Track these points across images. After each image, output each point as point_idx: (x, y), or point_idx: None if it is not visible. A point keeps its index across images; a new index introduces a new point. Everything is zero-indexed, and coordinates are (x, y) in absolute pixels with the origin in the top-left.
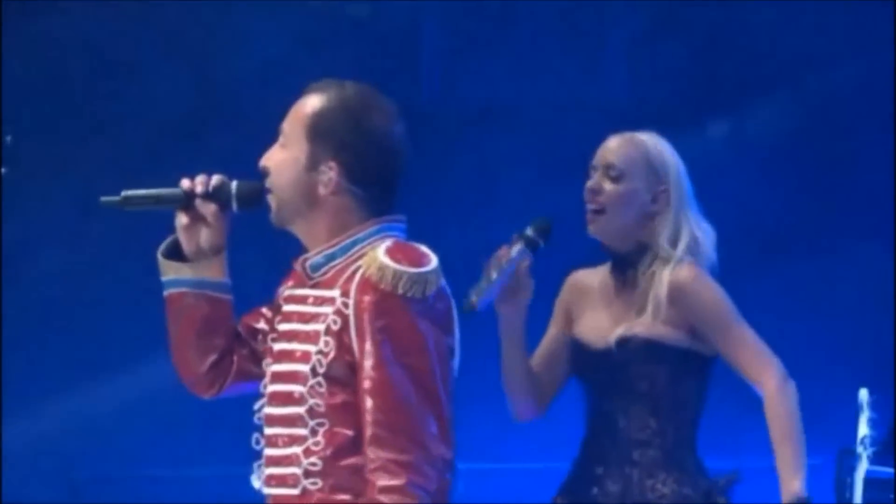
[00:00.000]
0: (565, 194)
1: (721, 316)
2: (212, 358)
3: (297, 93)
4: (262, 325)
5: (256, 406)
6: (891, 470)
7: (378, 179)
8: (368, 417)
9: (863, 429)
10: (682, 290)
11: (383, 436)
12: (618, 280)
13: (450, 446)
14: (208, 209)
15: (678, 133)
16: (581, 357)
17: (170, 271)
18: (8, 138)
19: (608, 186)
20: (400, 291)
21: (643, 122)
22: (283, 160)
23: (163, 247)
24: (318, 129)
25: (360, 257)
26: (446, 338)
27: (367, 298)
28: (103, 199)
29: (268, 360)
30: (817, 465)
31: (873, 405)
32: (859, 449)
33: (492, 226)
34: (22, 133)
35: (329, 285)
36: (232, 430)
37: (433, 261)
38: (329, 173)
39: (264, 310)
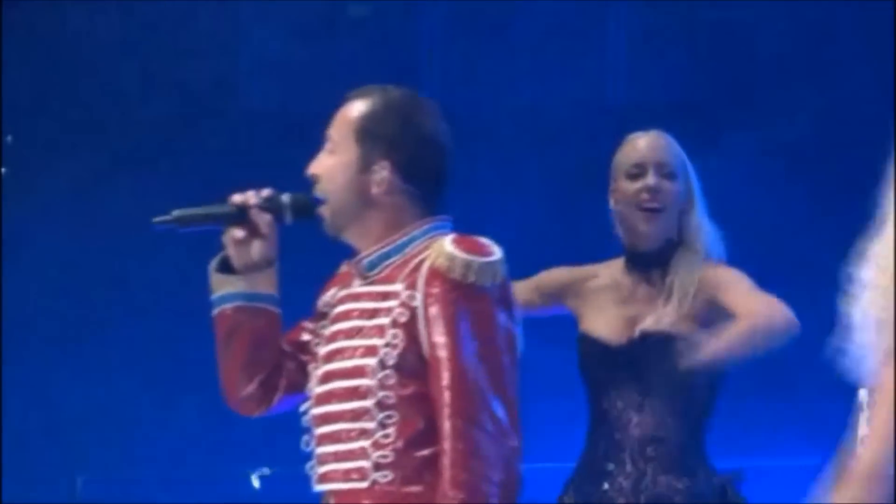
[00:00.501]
0: (566, 194)
1: (736, 278)
2: (261, 376)
3: (297, 92)
4: (307, 336)
5: (303, 408)
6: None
7: (429, 176)
8: (446, 410)
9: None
10: (707, 277)
11: (459, 427)
12: (639, 277)
13: (519, 436)
14: (263, 220)
15: (678, 134)
16: (596, 354)
17: (224, 286)
18: (8, 138)
19: (666, 185)
20: (470, 280)
21: (643, 123)
22: (333, 165)
23: (214, 264)
24: (367, 131)
25: (417, 254)
26: (514, 326)
27: (436, 290)
28: (156, 219)
29: (314, 364)
30: (817, 465)
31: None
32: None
33: (492, 225)
34: (22, 133)
35: (388, 281)
36: (231, 430)
37: (498, 251)
38: (382, 173)
39: (306, 323)
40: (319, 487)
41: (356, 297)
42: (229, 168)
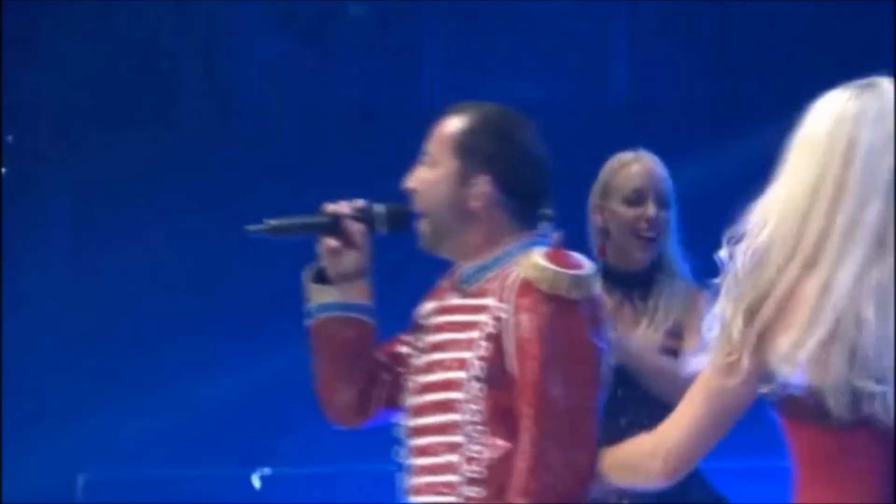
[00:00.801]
0: (565, 195)
1: (694, 325)
2: (357, 386)
3: (297, 91)
4: (403, 349)
5: (399, 420)
6: None
7: (527, 191)
8: (524, 421)
9: None
10: (687, 302)
11: (535, 437)
12: (620, 297)
13: (593, 451)
14: (357, 229)
15: (677, 134)
16: None
17: (318, 296)
18: (8, 138)
19: (662, 214)
20: (560, 293)
21: (643, 122)
22: (431, 179)
23: (308, 273)
24: (466, 145)
25: (510, 267)
26: (600, 343)
27: (526, 301)
28: (249, 227)
29: (410, 377)
30: None
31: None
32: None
33: None
34: (22, 133)
35: (481, 295)
36: (231, 430)
37: (589, 265)
38: (481, 186)
39: (402, 336)
40: (411, 500)
41: (450, 310)
42: (229, 167)
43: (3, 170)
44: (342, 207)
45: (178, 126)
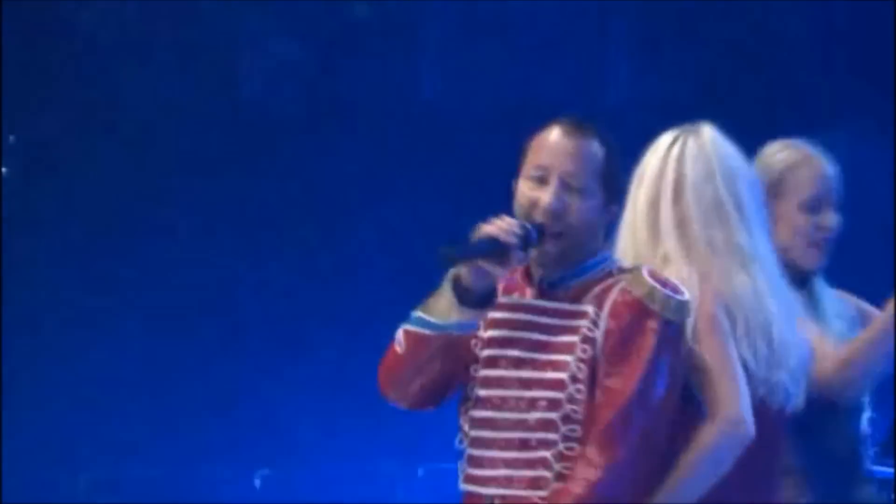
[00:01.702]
0: None
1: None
2: (429, 378)
3: (297, 92)
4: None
5: (470, 410)
6: (891, 470)
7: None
8: (594, 436)
9: (865, 428)
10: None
11: (596, 439)
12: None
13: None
14: (518, 257)
15: None
16: None
17: (460, 315)
18: (10, 138)
19: (837, 219)
20: (665, 315)
21: (643, 122)
22: (585, 208)
23: (448, 288)
24: (609, 177)
25: (601, 279)
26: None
27: (630, 314)
28: (445, 252)
29: (476, 365)
30: None
31: (873, 405)
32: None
33: None
34: (23, 133)
35: (574, 299)
36: (232, 430)
37: (687, 292)
38: (614, 214)
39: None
40: (476, 489)
41: (535, 311)
42: (229, 167)
43: (3, 170)
44: (509, 237)
45: (179, 125)
